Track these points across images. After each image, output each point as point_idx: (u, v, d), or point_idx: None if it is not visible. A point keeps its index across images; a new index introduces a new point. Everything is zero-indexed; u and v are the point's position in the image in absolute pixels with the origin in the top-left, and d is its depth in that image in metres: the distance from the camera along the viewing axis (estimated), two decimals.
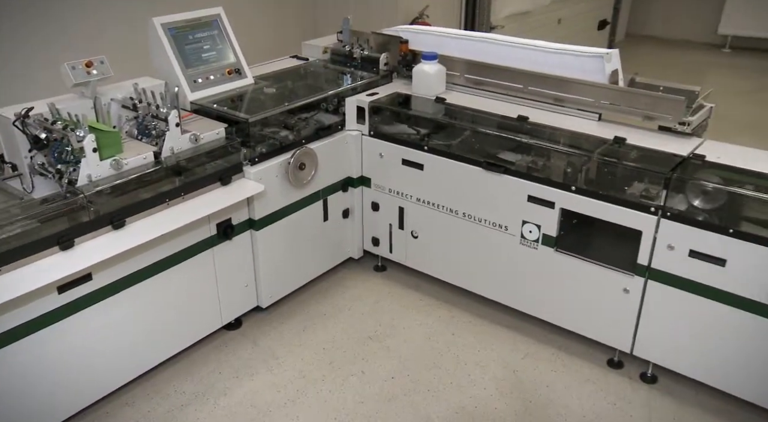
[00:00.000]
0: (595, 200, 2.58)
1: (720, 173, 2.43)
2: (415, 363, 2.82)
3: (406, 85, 3.33)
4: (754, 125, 5.59)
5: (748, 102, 6.29)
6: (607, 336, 2.77)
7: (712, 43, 8.33)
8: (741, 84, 6.86)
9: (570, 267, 2.73)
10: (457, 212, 3.00)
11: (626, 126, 2.81)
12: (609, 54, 2.82)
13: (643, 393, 2.65)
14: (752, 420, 2.49)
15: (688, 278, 2.43)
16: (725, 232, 2.31)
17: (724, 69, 7.67)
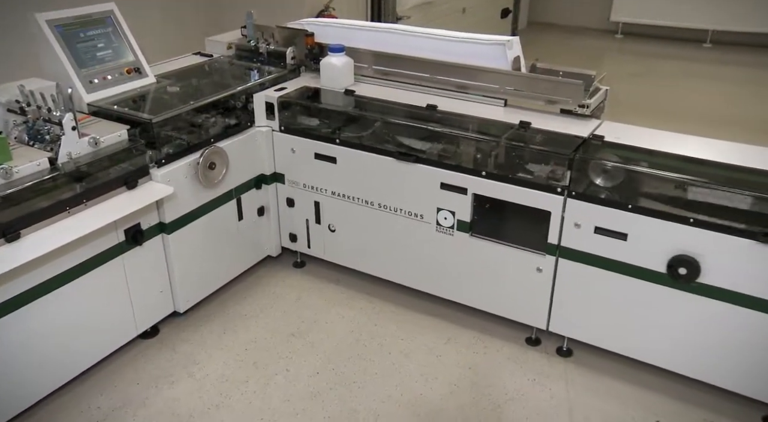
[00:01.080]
0: (505, 184, 2.66)
1: (618, 152, 2.56)
2: (339, 357, 2.82)
3: (314, 78, 3.30)
4: (645, 106, 5.93)
5: (640, 84, 6.67)
6: (524, 315, 2.86)
7: (606, 29, 8.75)
8: (632, 67, 7.25)
9: (485, 251, 2.81)
10: (373, 203, 3.01)
11: (530, 111, 2.90)
12: (510, 41, 2.90)
13: (560, 366, 2.76)
14: (663, 384, 2.65)
15: (594, 254, 2.55)
16: (625, 208, 2.44)
17: (617, 54, 8.09)
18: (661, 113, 5.78)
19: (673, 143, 2.62)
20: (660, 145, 2.60)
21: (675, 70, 7.33)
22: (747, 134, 5.25)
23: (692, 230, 2.34)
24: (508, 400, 2.58)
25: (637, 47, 8.19)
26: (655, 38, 8.31)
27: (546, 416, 2.50)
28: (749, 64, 7.48)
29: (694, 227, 2.33)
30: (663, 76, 7.09)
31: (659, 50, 8.04)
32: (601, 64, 7.53)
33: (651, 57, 7.80)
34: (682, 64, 7.59)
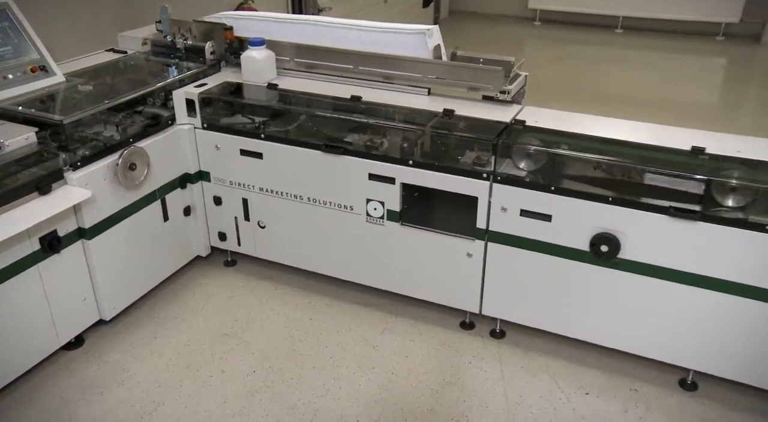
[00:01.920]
0: (432, 172, 2.68)
1: (539, 136, 2.63)
2: (275, 354, 2.78)
3: (235, 73, 3.23)
4: (565, 90, 6.13)
5: (558, 69, 6.88)
6: (458, 300, 2.91)
7: (525, 16, 8.97)
8: (551, 53, 7.47)
9: (416, 239, 2.83)
10: (302, 197, 2.98)
11: (453, 98, 2.94)
12: (430, 30, 2.93)
13: (494, 348, 2.83)
14: (592, 358, 2.75)
15: (521, 236, 2.62)
16: (548, 190, 2.51)
17: (536, 40, 8.31)
18: (579, 97, 5.99)
19: (591, 125, 2.72)
20: (579, 127, 2.69)
21: (591, 55, 7.60)
22: (659, 114, 5.51)
23: (611, 209, 2.43)
24: (445, 385, 2.62)
25: (554, 34, 8.44)
26: (572, 25, 8.58)
27: (482, 397, 2.55)
28: (657, 48, 7.84)
29: (613, 205, 2.42)
30: (580, 61, 7.34)
31: (575, 36, 8.31)
32: (521, 50, 7.71)
33: (568, 43, 8.05)
34: (597, 50, 7.88)
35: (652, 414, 2.47)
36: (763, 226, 2.22)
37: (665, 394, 2.57)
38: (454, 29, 8.42)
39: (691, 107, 5.93)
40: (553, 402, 2.52)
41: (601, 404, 2.52)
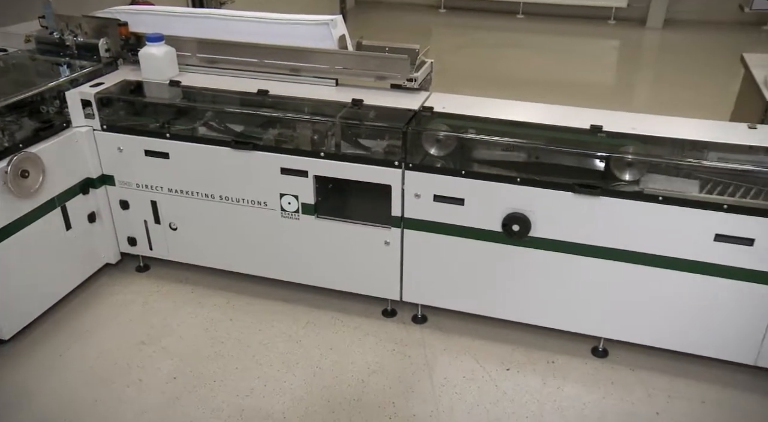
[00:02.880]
0: (344, 162, 2.67)
1: (447, 122, 2.67)
2: (196, 358, 2.71)
3: (134, 71, 3.09)
4: (470, 75, 6.27)
5: (464, 56, 7.03)
6: (378, 289, 2.93)
7: (430, 4, 9.09)
8: (458, 40, 7.62)
9: (333, 231, 2.82)
10: (213, 196, 2.90)
11: (362, 88, 2.93)
12: (334, 20, 2.91)
13: (417, 333, 2.87)
14: (512, 335, 2.84)
15: (436, 221, 2.66)
16: (459, 174, 2.56)
17: (442, 28, 8.45)
18: (485, 81, 6.15)
19: (497, 109, 2.79)
20: (485, 111, 2.76)
21: (495, 41, 7.81)
22: (560, 95, 5.74)
23: (520, 189, 2.51)
24: (371, 373, 2.63)
25: (459, 21, 8.60)
26: (476, 11, 8.78)
27: (407, 382, 2.58)
28: (556, 32, 8.16)
29: (522, 186, 2.50)
30: (485, 46, 7.53)
31: (479, 22, 8.51)
32: (428, 38, 7.81)
33: (473, 29, 8.23)
34: (500, 35, 8.10)
35: (569, 382, 2.58)
36: (657, 197, 2.35)
37: (580, 363, 2.69)
38: (361, 19, 8.43)
39: (589, 88, 6.21)
40: (476, 381, 2.59)
41: (521, 378, 2.61)
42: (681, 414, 2.43)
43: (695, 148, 2.52)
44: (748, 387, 2.55)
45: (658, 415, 2.43)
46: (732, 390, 2.54)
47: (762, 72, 3.25)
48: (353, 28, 3.01)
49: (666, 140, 2.52)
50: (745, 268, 2.35)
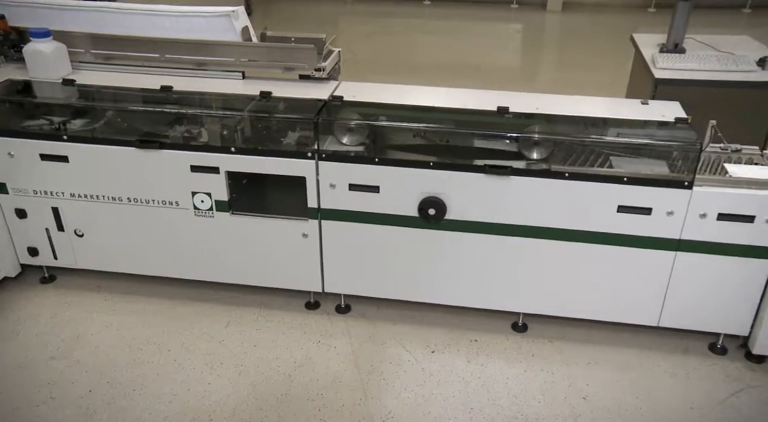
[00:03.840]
0: (256, 156, 2.62)
1: (358, 110, 2.67)
2: (113, 367, 2.60)
3: (20, 69, 2.90)
4: (380, 63, 6.30)
5: (373, 44, 7.04)
6: (300, 282, 2.90)
7: None
8: (366, 28, 7.63)
9: (250, 227, 2.77)
10: (121, 198, 2.78)
11: (270, 80, 2.88)
12: (236, 11, 2.83)
13: (341, 323, 2.86)
14: (436, 317, 2.88)
15: (353, 210, 2.66)
16: (373, 162, 2.57)
17: (350, 16, 8.42)
18: (395, 68, 6.19)
19: (408, 95, 2.81)
20: (396, 98, 2.78)
21: (403, 28, 7.86)
22: (468, 79, 5.87)
23: (434, 173, 2.54)
24: (297, 367, 2.61)
25: (367, 9, 8.60)
26: None
27: (335, 373, 2.58)
28: (462, 17, 8.31)
29: (435, 170, 2.54)
30: (394, 33, 7.57)
31: (387, 10, 8.54)
32: (336, 27, 7.77)
33: (381, 17, 8.26)
34: (408, 22, 8.17)
35: (492, 359, 2.66)
36: (563, 173, 2.44)
37: (501, 339, 2.77)
38: (267, 10, 8.27)
39: (495, 71, 6.37)
40: (403, 366, 2.62)
41: (446, 359, 2.66)
42: (598, 379, 2.55)
43: (596, 124, 2.64)
44: (655, 347, 2.71)
45: (576, 382, 2.54)
46: (641, 351, 2.69)
47: (649, 51, 3.44)
48: (259, 20, 2.96)
49: (569, 118, 2.63)
50: (646, 236, 2.49)
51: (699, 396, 2.47)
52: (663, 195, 2.41)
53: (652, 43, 3.56)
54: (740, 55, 3.24)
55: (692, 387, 2.51)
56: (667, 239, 2.48)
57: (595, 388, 2.51)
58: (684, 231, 2.45)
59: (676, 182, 2.39)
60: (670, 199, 2.41)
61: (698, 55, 3.30)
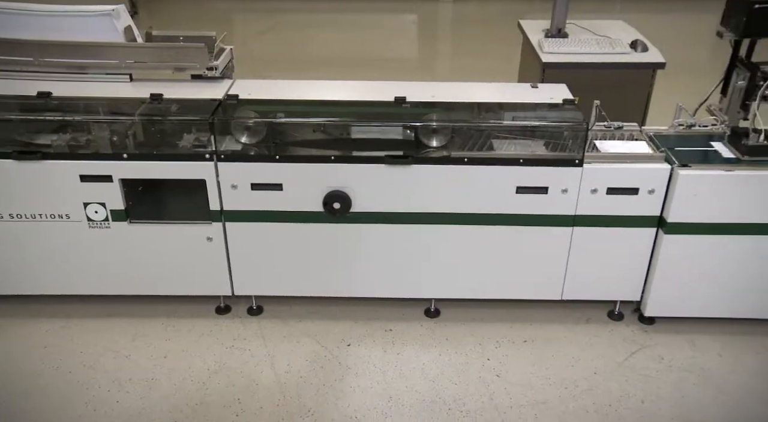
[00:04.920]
0: (150, 161, 2.52)
1: (255, 108, 2.62)
2: (9, 396, 2.42)
3: None
4: (277, 60, 6.21)
5: (269, 40, 6.94)
6: (208, 287, 2.82)
7: None
8: (261, 25, 7.50)
9: (150, 235, 2.66)
10: (2, 215, 2.59)
11: (160, 81, 2.77)
12: (116, 10, 2.70)
13: (254, 325, 2.81)
14: (350, 311, 2.89)
15: (257, 210, 2.61)
16: (275, 160, 2.53)
17: (243, 13, 8.24)
18: (293, 64, 6.12)
19: (306, 90, 2.78)
20: (294, 94, 2.75)
21: (299, 23, 7.78)
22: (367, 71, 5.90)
23: (337, 167, 2.54)
24: (211, 374, 2.54)
25: (261, 5, 8.45)
26: None
27: (251, 376, 2.53)
28: (357, 10, 8.34)
29: (337, 164, 2.53)
30: (291, 29, 7.48)
31: (281, 5, 8.43)
32: (230, 25, 7.59)
33: (276, 12, 8.14)
34: (304, 16, 8.09)
35: (407, 347, 2.70)
36: (463, 159, 2.51)
37: (415, 326, 2.82)
38: (154, 8, 7.94)
39: (393, 62, 6.44)
40: (320, 362, 2.61)
41: (362, 350, 2.67)
42: (509, 355, 2.65)
43: (491, 109, 2.72)
44: (560, 319, 2.84)
45: (489, 360, 2.62)
46: (548, 325, 2.82)
47: (536, 36, 3.58)
48: (145, 19, 2.85)
49: (465, 105, 2.70)
50: (544, 214, 2.59)
51: (601, 360, 2.62)
52: (557, 174, 2.52)
53: (537, 29, 3.71)
54: (616, 39, 3.43)
55: (594, 354, 2.66)
56: (564, 216, 2.60)
57: (507, 365, 2.60)
58: (578, 207, 2.57)
59: (567, 161, 2.51)
60: (563, 177, 2.53)
61: (579, 39, 3.47)
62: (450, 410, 2.39)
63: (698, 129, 2.76)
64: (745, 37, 2.49)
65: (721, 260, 2.61)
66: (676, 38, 6.57)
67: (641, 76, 3.38)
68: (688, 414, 2.37)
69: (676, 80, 3.76)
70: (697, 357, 2.63)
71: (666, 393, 2.46)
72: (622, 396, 2.45)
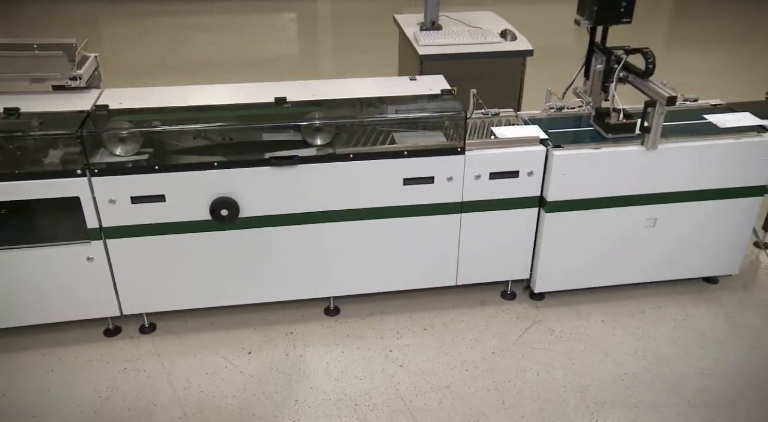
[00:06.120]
0: (12, 182, 2.34)
1: (128, 118, 2.49)
2: None
3: None
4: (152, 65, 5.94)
5: (144, 45, 6.63)
6: (94, 310, 2.66)
7: None
8: (130, 30, 7.14)
9: (20, 261, 2.47)
10: None
11: (15, 94, 2.57)
12: None
13: (148, 344, 2.69)
14: (249, 318, 2.83)
15: (139, 224, 2.49)
16: (154, 170, 2.42)
17: (111, 17, 7.81)
18: (169, 70, 5.87)
19: (183, 96, 2.69)
20: (171, 100, 2.64)
21: (174, 25, 7.49)
22: (247, 73, 5.78)
23: (221, 173, 2.47)
24: (104, 401, 2.40)
25: (130, 8, 8.04)
26: None
27: (148, 396, 2.42)
28: (232, 10, 8.13)
29: (222, 169, 2.46)
30: (166, 32, 7.18)
31: (152, 8, 8.07)
32: (97, 31, 7.17)
33: (147, 16, 7.78)
34: (177, 19, 7.80)
35: (310, 348, 2.68)
36: (348, 155, 2.51)
37: (316, 326, 2.80)
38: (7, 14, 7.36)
39: (275, 62, 6.35)
40: (220, 373, 2.53)
41: (264, 357, 2.62)
42: (410, 345, 2.69)
43: (373, 104, 2.74)
44: (456, 305, 2.92)
45: (391, 352, 2.65)
46: (445, 311, 2.89)
47: (411, 30, 3.65)
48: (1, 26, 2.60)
49: (347, 101, 2.70)
50: (433, 203, 2.65)
51: (497, 340, 2.72)
52: (441, 163, 2.59)
53: (413, 23, 3.78)
54: (487, 29, 3.57)
55: (491, 334, 2.76)
56: (452, 204, 2.67)
57: (409, 354, 2.64)
58: (464, 193, 2.65)
59: (450, 150, 2.58)
60: (447, 166, 2.59)
61: (453, 30, 3.57)
62: (357, 405, 2.40)
63: (567, 111, 2.93)
64: (598, 24, 2.66)
65: (597, 233, 2.78)
66: (543, 27, 6.95)
67: (513, 64, 3.53)
68: (578, 379, 2.52)
69: (546, 66, 3.96)
70: (583, 326, 2.80)
71: (558, 363, 2.60)
72: (519, 372, 2.56)
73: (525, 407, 2.39)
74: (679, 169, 2.69)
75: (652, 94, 2.56)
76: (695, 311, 2.88)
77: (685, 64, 6.05)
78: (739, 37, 7.11)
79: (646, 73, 2.59)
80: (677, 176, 2.70)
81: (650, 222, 2.78)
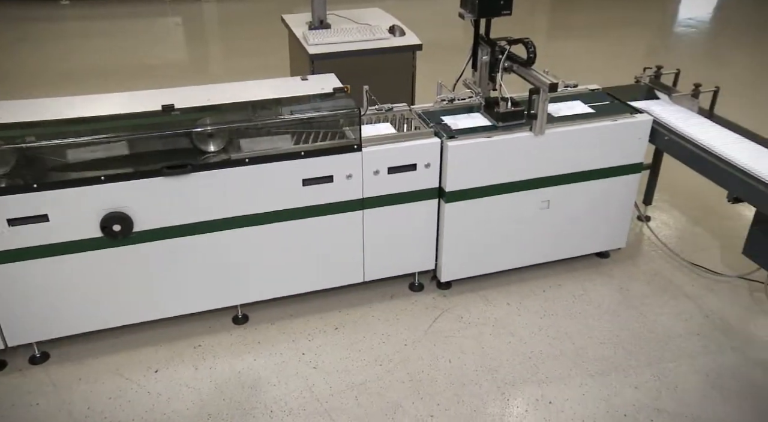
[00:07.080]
0: None
1: (2, 133, 2.31)
2: None
3: None
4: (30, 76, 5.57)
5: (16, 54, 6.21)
6: None
7: None
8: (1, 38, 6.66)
9: None
10: None
11: None
12: None
13: (41, 374, 2.51)
14: (155, 335, 2.70)
15: (19, 248, 2.32)
16: (33, 189, 2.26)
17: None
18: (47, 80, 5.53)
19: (63, 108, 2.51)
20: (48, 113, 2.46)
21: (46, 33, 7.04)
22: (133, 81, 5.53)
23: (110, 187, 2.34)
24: None
25: None
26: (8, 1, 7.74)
27: None
28: (111, 16, 7.76)
29: (110, 183, 2.34)
30: (37, 40, 6.74)
31: (19, 14, 7.58)
32: None
33: (16, 22, 7.30)
34: (51, 26, 7.34)
35: (220, 359, 2.60)
36: (244, 160, 2.46)
37: (225, 336, 2.73)
38: None
39: (163, 68, 6.11)
40: (126, 396, 2.41)
41: (171, 374, 2.52)
42: (323, 345, 2.68)
43: (266, 106, 2.69)
44: (366, 301, 2.94)
45: (304, 354, 2.63)
46: (355, 308, 2.89)
47: (300, 29, 3.62)
48: None
49: (240, 105, 2.63)
50: (334, 202, 2.65)
51: (408, 331, 2.76)
52: (339, 161, 2.58)
53: (301, 23, 3.75)
54: (375, 26, 3.60)
55: (402, 326, 2.79)
56: (353, 201, 2.67)
57: (322, 355, 2.63)
58: (365, 190, 2.66)
59: (347, 148, 2.58)
60: (345, 163, 2.59)
61: (342, 28, 3.58)
62: (272, 412, 2.36)
63: (459, 103, 3.00)
64: (481, 16, 2.75)
65: (496, 219, 2.88)
66: (430, 21, 7.10)
67: (403, 59, 3.58)
68: (488, 361, 2.60)
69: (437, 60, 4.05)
70: (490, 310, 2.89)
71: (468, 349, 2.67)
72: (432, 361, 2.60)
73: (440, 395, 2.44)
74: (566, 152, 2.83)
75: (535, 82, 2.67)
76: (591, 286, 3.05)
77: (566, 52, 6.38)
78: (611, 26, 7.58)
79: (528, 61, 2.70)
80: (565, 159, 2.84)
81: (544, 204, 2.91)
